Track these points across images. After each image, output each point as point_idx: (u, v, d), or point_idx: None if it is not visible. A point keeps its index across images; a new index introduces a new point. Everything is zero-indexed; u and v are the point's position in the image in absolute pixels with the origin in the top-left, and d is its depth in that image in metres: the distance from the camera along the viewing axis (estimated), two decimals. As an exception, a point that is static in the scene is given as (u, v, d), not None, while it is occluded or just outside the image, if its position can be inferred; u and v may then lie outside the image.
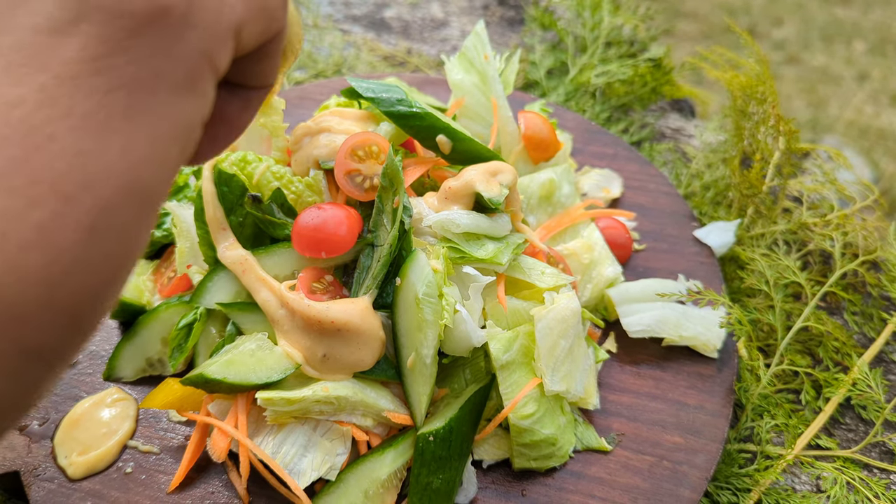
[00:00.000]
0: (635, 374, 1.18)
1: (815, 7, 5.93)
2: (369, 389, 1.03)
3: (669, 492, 1.03)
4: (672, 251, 1.34)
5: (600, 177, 1.44)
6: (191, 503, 1.03)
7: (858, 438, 1.19)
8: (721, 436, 1.09)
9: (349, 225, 1.06)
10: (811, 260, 1.36)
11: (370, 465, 1.01)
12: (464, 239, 1.09)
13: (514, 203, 1.14)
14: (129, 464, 1.07)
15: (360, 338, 1.02)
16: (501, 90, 1.29)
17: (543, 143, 1.28)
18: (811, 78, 5.17)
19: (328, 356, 1.02)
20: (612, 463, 1.08)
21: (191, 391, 1.05)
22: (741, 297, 1.32)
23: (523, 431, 1.04)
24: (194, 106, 0.39)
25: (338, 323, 1.00)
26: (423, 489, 0.99)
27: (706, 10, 5.87)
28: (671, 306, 1.20)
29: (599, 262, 1.23)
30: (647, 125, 1.70)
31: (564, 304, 1.07)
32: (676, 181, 1.55)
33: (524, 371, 1.06)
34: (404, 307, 1.02)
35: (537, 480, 1.06)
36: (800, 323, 1.24)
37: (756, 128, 1.41)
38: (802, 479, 1.14)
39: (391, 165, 1.07)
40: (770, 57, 5.35)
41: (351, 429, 1.02)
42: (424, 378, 1.03)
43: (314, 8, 2.13)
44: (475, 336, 1.04)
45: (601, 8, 1.76)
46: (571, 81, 1.71)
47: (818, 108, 4.85)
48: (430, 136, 1.17)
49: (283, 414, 0.99)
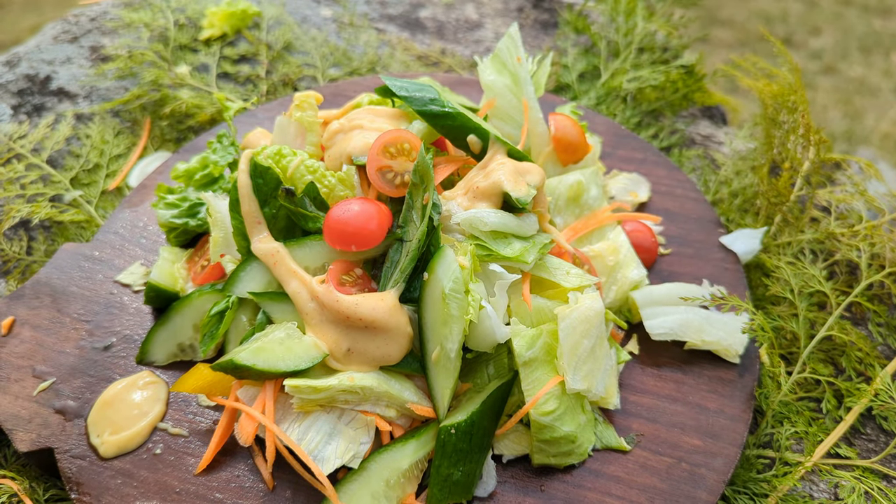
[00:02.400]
0: (657, 376, 1.19)
1: (854, 17, 5.87)
2: (394, 381, 1.06)
3: (687, 493, 1.05)
4: (697, 256, 1.35)
5: (628, 180, 1.45)
6: (217, 485, 1.05)
7: (879, 449, 1.19)
8: (740, 440, 1.10)
9: (379, 220, 1.08)
10: (837, 270, 1.36)
11: (392, 455, 1.03)
12: (491, 237, 1.11)
13: (541, 203, 1.16)
14: (158, 445, 1.10)
15: (387, 334, 1.05)
16: (533, 92, 1.31)
17: (572, 146, 1.30)
18: (848, 89, 5.12)
19: (352, 350, 1.04)
20: (630, 463, 1.09)
21: (220, 377, 1.08)
22: (765, 305, 1.32)
23: (544, 428, 1.05)
24: None
25: (366, 320, 1.03)
26: (443, 480, 1.01)
27: (743, 18, 5.83)
28: (694, 311, 1.21)
29: (624, 264, 1.24)
30: (677, 131, 1.71)
31: (588, 304, 1.09)
32: (704, 187, 1.56)
33: (546, 369, 1.08)
34: (431, 302, 1.05)
35: (556, 477, 1.08)
36: (823, 332, 1.24)
37: (786, 137, 1.41)
38: (821, 486, 1.15)
39: (422, 163, 1.09)
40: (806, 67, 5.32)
41: (375, 419, 1.04)
42: (448, 372, 1.05)
43: (350, 6, 2.16)
44: (499, 332, 1.06)
45: (635, 13, 1.78)
46: (603, 86, 1.72)
47: (854, 120, 4.81)
48: (461, 136, 1.19)
49: (309, 402, 1.02)
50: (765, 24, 5.74)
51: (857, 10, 6.05)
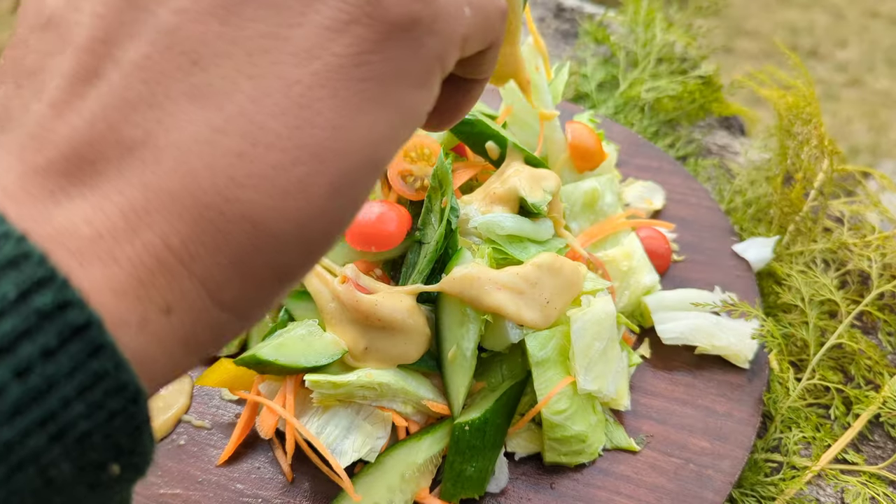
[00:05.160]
0: (668, 379, 1.22)
1: (881, 29, 5.84)
2: (411, 378, 1.09)
3: (694, 493, 1.07)
4: (710, 263, 1.37)
5: (644, 188, 1.48)
6: (238, 476, 1.09)
7: (886, 455, 1.21)
8: (748, 443, 1.13)
9: (399, 222, 1.12)
10: (849, 279, 1.38)
11: (408, 450, 1.06)
12: (507, 241, 1.15)
13: (556, 209, 1.19)
14: (182, 436, 1.14)
15: (405, 334, 1.08)
16: (550, 100, 1.34)
17: (588, 153, 1.33)
18: (873, 101, 5.10)
19: (371, 348, 1.08)
20: (639, 463, 1.12)
21: (243, 371, 1.12)
22: (777, 312, 1.35)
23: (555, 426, 1.08)
24: (424, 98, 0.48)
25: (385, 320, 1.06)
26: (456, 476, 1.05)
27: (768, 29, 5.82)
28: (705, 316, 1.24)
29: (638, 269, 1.27)
30: (693, 141, 1.73)
31: (600, 307, 1.12)
32: (719, 196, 1.58)
33: (559, 369, 1.11)
34: (448, 302, 1.08)
35: (566, 475, 1.11)
36: (833, 339, 1.26)
37: (800, 147, 1.43)
38: (828, 491, 1.17)
39: (441, 168, 1.12)
40: (832, 78, 5.29)
41: (392, 414, 1.08)
42: (464, 371, 1.08)
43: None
44: (513, 333, 1.09)
45: (654, 24, 1.80)
46: (621, 95, 1.75)
47: (879, 133, 4.79)
48: (479, 142, 1.23)
49: (328, 396, 1.06)
50: (791, 35, 5.73)
51: (884, 22, 6.02)
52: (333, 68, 0.43)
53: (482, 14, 0.51)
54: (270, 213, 0.41)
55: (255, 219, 0.41)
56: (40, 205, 0.40)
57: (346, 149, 0.43)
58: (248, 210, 0.41)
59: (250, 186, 0.41)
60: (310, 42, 0.42)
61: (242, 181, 0.41)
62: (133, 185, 0.40)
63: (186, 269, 0.40)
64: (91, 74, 0.43)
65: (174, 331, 0.41)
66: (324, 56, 0.42)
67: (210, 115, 0.41)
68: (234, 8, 0.43)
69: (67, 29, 0.45)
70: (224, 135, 0.41)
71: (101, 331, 0.36)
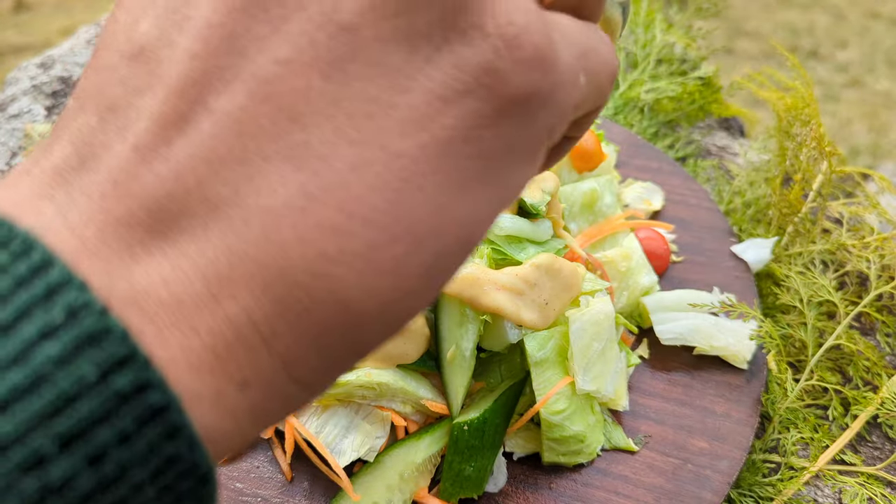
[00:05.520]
0: (666, 380, 1.22)
1: (882, 30, 5.85)
2: (410, 378, 1.10)
3: (692, 493, 1.07)
4: (709, 264, 1.38)
5: (643, 189, 1.48)
6: (237, 475, 1.10)
7: (884, 456, 1.21)
8: (745, 443, 1.13)
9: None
10: (848, 281, 1.38)
11: (407, 450, 1.07)
12: (506, 241, 1.15)
13: (555, 209, 1.20)
14: (183, 435, 1.15)
15: (404, 335, 1.08)
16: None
17: (587, 154, 1.34)
18: (874, 102, 5.10)
19: (368, 350, 1.08)
20: (637, 463, 1.12)
21: (243, 371, 1.12)
22: (775, 313, 1.35)
23: (553, 427, 1.09)
24: (529, 174, 0.44)
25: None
26: (455, 475, 1.05)
27: (768, 30, 5.82)
28: (704, 317, 1.24)
29: (636, 270, 1.28)
30: (693, 142, 1.74)
31: (599, 307, 1.13)
32: (718, 197, 1.59)
33: (557, 369, 1.11)
34: (447, 303, 1.08)
35: (565, 475, 1.11)
36: (831, 340, 1.27)
37: (799, 149, 1.44)
38: (825, 491, 1.17)
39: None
40: (832, 79, 5.30)
41: (391, 414, 1.08)
42: (462, 371, 1.09)
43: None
44: (512, 333, 1.10)
45: (654, 25, 1.81)
46: (621, 96, 1.76)
47: (879, 134, 4.79)
48: (479, 143, 1.23)
49: (327, 396, 1.06)
50: (791, 36, 5.73)
51: (885, 23, 6.02)
52: (442, 142, 0.39)
53: (596, 81, 0.47)
54: (359, 292, 0.38)
55: (342, 297, 0.38)
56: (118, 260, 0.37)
57: (445, 229, 0.39)
58: (336, 287, 0.37)
59: (343, 263, 0.37)
60: (419, 112, 0.38)
61: (335, 256, 0.37)
62: (217, 248, 0.37)
63: (266, 345, 0.38)
64: (181, 119, 0.39)
65: (247, 405, 0.39)
66: (432, 128, 0.38)
67: (305, 180, 0.37)
68: (339, 64, 0.38)
69: (158, 64, 0.41)
70: (319, 204, 0.37)
71: (180, 412, 0.34)
